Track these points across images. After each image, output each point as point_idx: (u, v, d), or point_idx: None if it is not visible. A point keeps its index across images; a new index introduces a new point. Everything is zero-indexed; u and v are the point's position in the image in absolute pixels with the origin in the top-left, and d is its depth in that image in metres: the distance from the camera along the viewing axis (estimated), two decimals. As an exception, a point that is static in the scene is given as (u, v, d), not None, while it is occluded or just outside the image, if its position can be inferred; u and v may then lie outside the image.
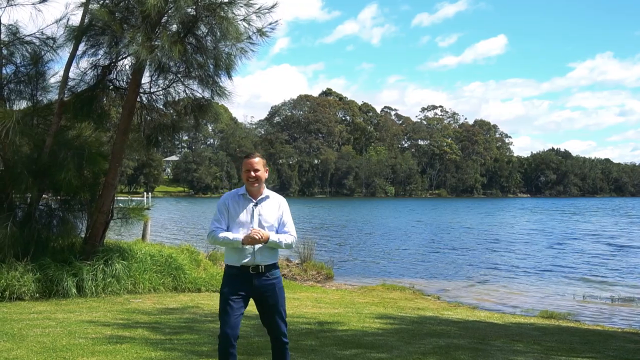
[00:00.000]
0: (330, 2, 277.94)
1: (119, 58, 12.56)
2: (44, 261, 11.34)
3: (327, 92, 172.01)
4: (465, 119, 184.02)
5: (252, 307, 5.38)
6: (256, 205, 5.29)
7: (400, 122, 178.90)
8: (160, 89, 12.99)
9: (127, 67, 12.75)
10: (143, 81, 12.56)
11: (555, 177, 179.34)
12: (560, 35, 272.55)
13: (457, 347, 8.12)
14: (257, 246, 5.16)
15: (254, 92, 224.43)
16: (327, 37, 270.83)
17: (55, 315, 9.54)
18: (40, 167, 11.69)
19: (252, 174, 5.25)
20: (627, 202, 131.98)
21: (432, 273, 22.37)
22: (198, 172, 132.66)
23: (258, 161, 5.29)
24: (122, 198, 50.41)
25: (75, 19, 12.34)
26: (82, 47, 12.33)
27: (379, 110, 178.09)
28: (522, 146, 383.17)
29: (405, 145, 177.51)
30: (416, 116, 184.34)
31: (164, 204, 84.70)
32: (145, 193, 76.44)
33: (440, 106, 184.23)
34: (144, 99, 13.09)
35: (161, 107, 13.48)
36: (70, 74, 12.44)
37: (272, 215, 5.31)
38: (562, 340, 9.35)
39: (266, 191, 5.37)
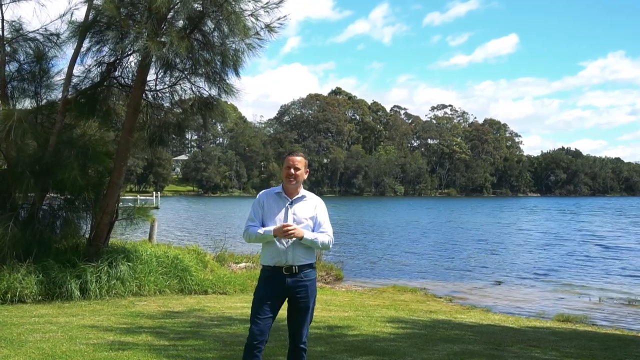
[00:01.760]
0: (341, 1, 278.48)
1: (125, 55, 12.29)
2: (47, 263, 11.12)
3: (337, 91, 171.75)
4: (475, 118, 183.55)
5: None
6: (291, 204, 5.22)
7: (410, 121, 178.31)
8: (166, 86, 12.73)
9: (133, 64, 12.51)
10: (148, 78, 12.30)
11: (566, 176, 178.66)
12: (571, 34, 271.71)
13: (473, 354, 7.81)
14: (291, 245, 5.08)
15: (263, 91, 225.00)
16: (338, 37, 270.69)
17: (57, 319, 9.29)
18: (43, 166, 11.46)
19: (292, 171, 5.20)
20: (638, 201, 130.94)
21: (442, 274, 22.05)
22: (207, 172, 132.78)
23: (300, 160, 5.24)
24: (130, 197, 50.46)
25: (80, 15, 12.12)
26: (86, 44, 12.09)
27: (388, 110, 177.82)
28: (532, 145, 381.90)
29: (415, 144, 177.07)
30: (426, 115, 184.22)
31: (172, 203, 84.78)
32: (154, 192, 76.62)
33: (450, 105, 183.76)
34: (150, 96, 12.83)
35: (167, 105, 13.21)
36: (75, 71, 12.23)
37: (307, 215, 5.23)
38: (581, 346, 9.02)
39: (303, 191, 5.33)
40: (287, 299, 5.20)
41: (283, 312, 5.26)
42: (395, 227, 46.93)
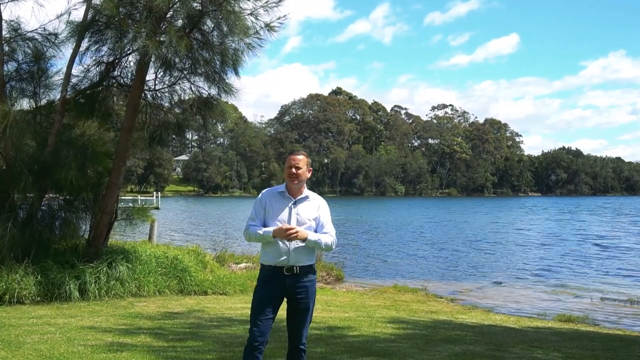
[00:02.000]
0: (342, 1, 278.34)
1: (124, 54, 12.23)
2: (46, 263, 11.04)
3: (337, 91, 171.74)
4: (476, 117, 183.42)
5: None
6: (295, 204, 5.14)
7: (410, 121, 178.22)
8: (165, 86, 12.67)
9: (132, 63, 12.45)
10: (148, 78, 12.24)
11: (566, 175, 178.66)
12: (572, 34, 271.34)
13: (474, 355, 7.75)
14: (293, 246, 5.00)
15: (263, 91, 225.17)
16: (339, 37, 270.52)
17: (56, 320, 9.23)
18: (41, 166, 11.39)
19: (294, 170, 5.12)
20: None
21: (443, 274, 22.01)
22: (208, 172, 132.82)
23: (302, 159, 5.17)
24: (130, 197, 50.40)
25: (78, 14, 12.06)
26: (85, 44, 12.04)
27: (389, 109, 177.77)
28: (533, 145, 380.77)
29: (416, 144, 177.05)
30: (426, 115, 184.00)
31: (173, 203, 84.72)
32: (154, 192, 76.63)
33: (451, 105, 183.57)
34: (149, 96, 12.76)
35: (167, 105, 13.15)
36: (73, 71, 12.17)
37: (310, 216, 5.15)
38: (583, 347, 8.96)
39: (306, 191, 5.25)
40: (286, 299, 5.13)
41: (283, 312, 5.19)
42: (396, 227, 46.86)
